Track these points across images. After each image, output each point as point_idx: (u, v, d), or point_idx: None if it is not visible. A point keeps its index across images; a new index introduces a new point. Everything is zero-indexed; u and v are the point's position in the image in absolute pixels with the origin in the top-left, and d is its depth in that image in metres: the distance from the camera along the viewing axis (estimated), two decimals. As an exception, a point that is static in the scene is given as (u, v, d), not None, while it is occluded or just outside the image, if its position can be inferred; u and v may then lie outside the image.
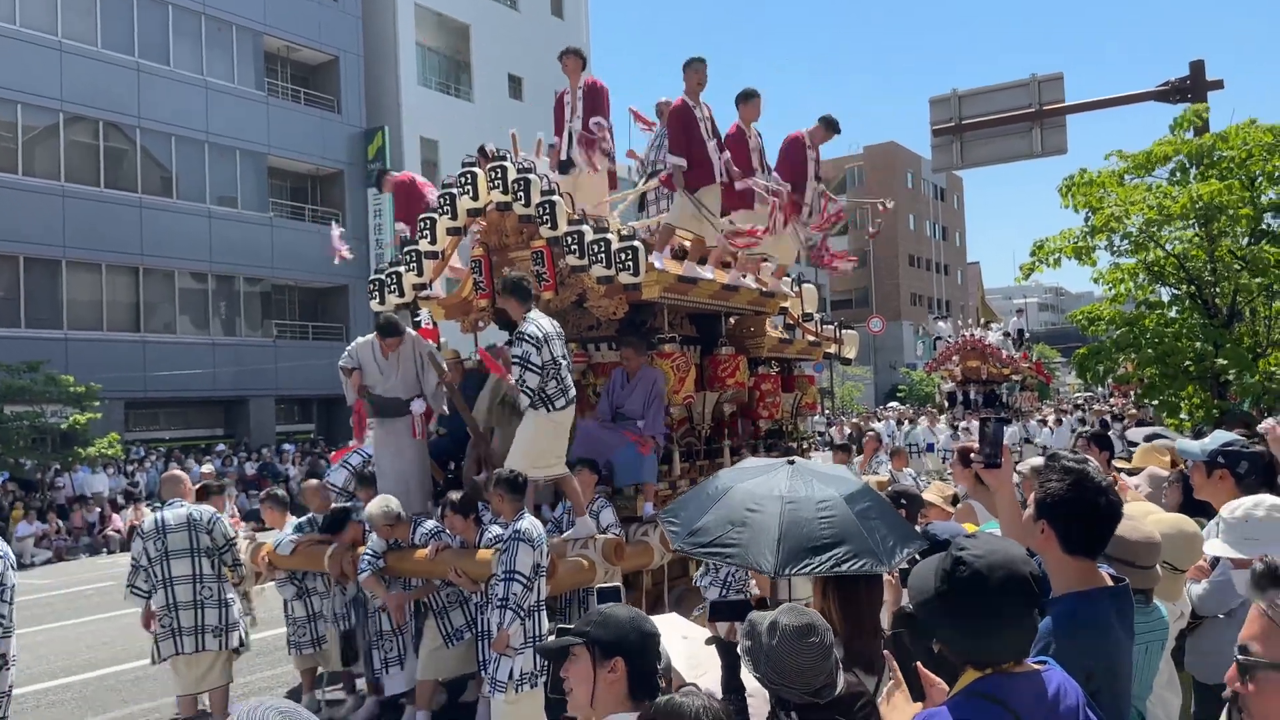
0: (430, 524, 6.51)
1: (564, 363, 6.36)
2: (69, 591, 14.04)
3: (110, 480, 21.93)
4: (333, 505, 7.14)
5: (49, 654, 9.70)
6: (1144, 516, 3.17)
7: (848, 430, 21.97)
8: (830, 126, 8.78)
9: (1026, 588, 2.01)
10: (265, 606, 8.48)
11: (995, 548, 2.10)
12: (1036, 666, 2.07)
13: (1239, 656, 1.27)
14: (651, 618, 2.75)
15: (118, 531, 20.12)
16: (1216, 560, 3.70)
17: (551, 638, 2.52)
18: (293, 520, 7.34)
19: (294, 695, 7.27)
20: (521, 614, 5.39)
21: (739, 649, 2.53)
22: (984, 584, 1.98)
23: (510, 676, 5.39)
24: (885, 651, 2.34)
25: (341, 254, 8.82)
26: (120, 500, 21.36)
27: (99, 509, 20.61)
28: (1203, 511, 4.13)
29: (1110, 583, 2.39)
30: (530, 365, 6.13)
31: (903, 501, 4.71)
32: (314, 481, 7.60)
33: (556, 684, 2.63)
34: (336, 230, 9.28)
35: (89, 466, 21.65)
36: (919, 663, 2.20)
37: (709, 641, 2.90)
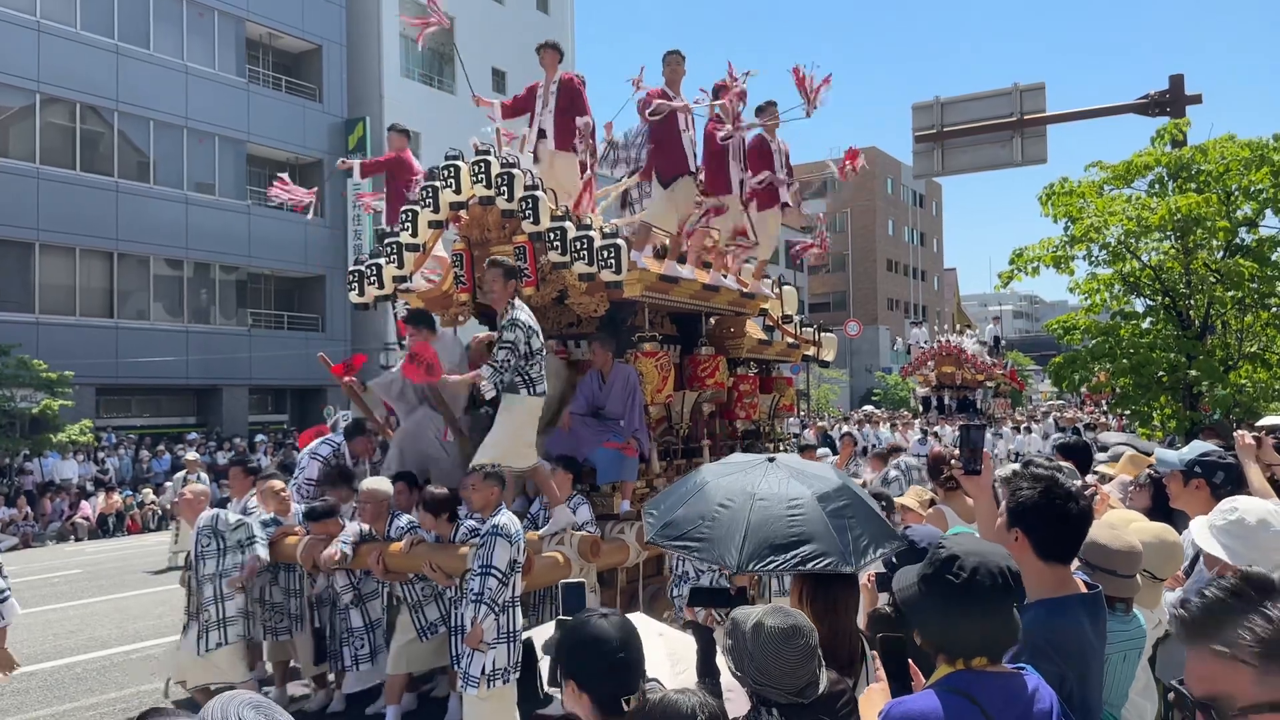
0: (405, 518, 6.48)
1: (541, 356, 6.42)
2: (35, 579, 13.86)
3: (80, 467, 21.70)
4: (315, 503, 7.05)
5: (14, 641, 9.51)
6: (1126, 525, 3.20)
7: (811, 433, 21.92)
8: (767, 108, 8.75)
9: (1005, 580, 2.05)
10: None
11: (977, 543, 2.18)
12: (1013, 669, 2.09)
13: (1225, 713, 1.21)
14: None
15: (86, 519, 19.91)
16: (1191, 568, 3.75)
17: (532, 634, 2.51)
18: (259, 516, 7.21)
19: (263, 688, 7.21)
20: (496, 609, 5.38)
21: (720, 647, 2.53)
22: (964, 570, 2.04)
23: (483, 672, 5.37)
24: (874, 652, 2.35)
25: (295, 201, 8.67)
26: (89, 487, 21.14)
27: (69, 495, 20.40)
28: (1172, 518, 4.17)
29: (1084, 589, 2.41)
30: (519, 350, 6.18)
31: (883, 503, 4.74)
32: (275, 483, 7.35)
33: (529, 681, 2.63)
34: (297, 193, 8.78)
35: (58, 453, 21.40)
36: (910, 659, 2.22)
37: (684, 625, 2.90)
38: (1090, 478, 5.32)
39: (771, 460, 3.53)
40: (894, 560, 3.20)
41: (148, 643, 9.25)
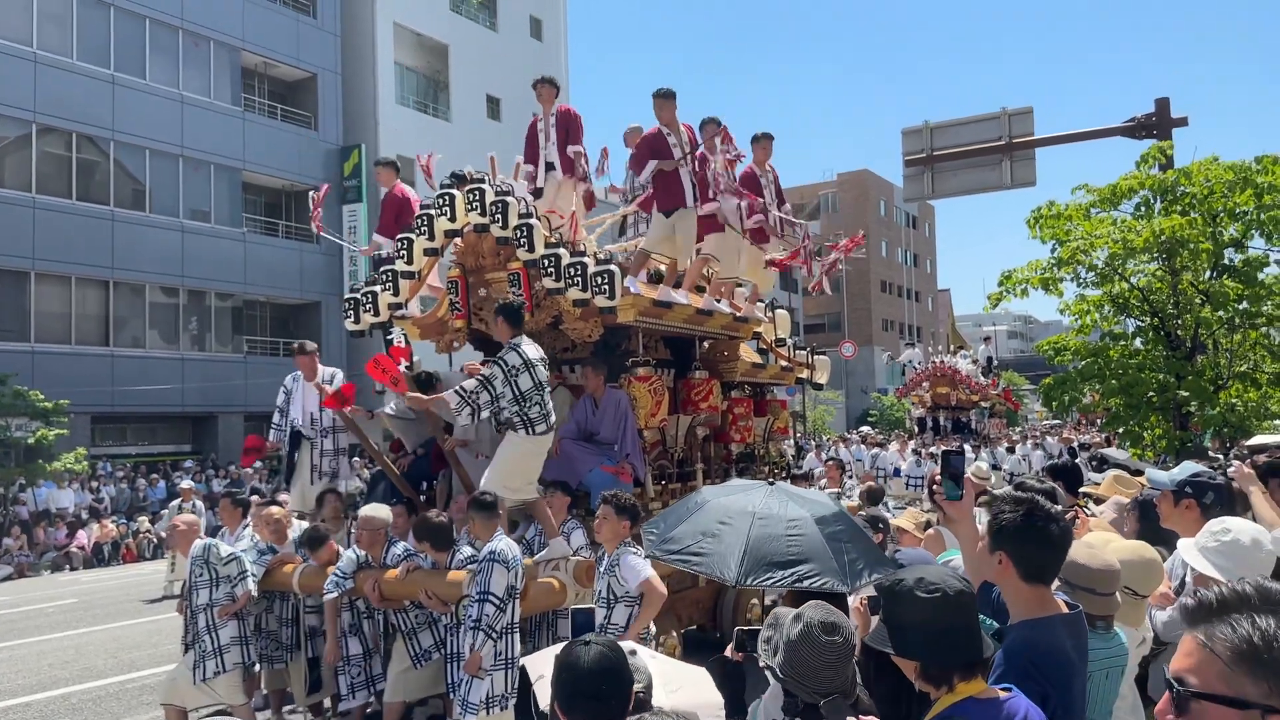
0: (402, 545, 6.51)
1: (546, 388, 6.43)
2: (30, 609, 13.82)
3: (75, 496, 21.61)
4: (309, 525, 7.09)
5: (9, 672, 9.55)
6: (1105, 545, 3.26)
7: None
8: (761, 139, 8.85)
9: (941, 590, 2.16)
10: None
11: (920, 569, 2.31)
12: (1002, 693, 2.14)
13: (1178, 689, 1.30)
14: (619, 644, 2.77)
15: (81, 548, 19.83)
16: (1181, 587, 3.79)
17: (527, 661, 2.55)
18: (251, 547, 7.17)
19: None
20: (494, 636, 5.40)
21: (760, 638, 2.57)
22: (913, 596, 2.16)
23: (482, 699, 5.38)
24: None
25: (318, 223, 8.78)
26: (85, 516, 21.06)
27: (64, 525, 20.32)
28: (1162, 539, 4.22)
29: (1065, 609, 2.46)
30: (490, 385, 6.16)
31: (880, 525, 4.78)
32: (273, 511, 7.33)
33: (525, 706, 2.67)
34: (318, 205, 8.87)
35: (54, 482, 21.35)
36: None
37: (713, 661, 2.95)
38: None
39: (770, 484, 3.63)
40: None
41: (143, 672, 9.23)
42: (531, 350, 6.34)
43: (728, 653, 3.00)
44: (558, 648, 2.98)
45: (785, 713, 2.52)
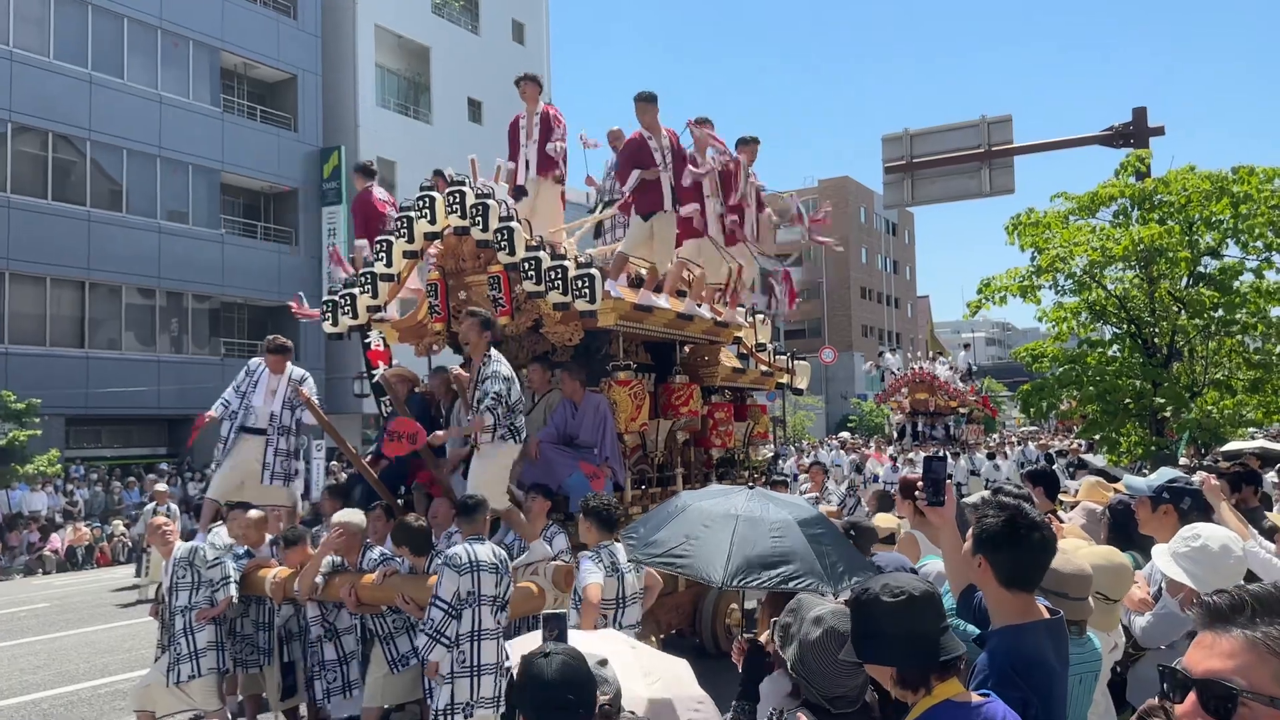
0: (379, 550, 6.45)
1: (521, 406, 6.55)
2: (2, 613, 13.65)
3: (49, 499, 21.37)
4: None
5: (-21, 677, 9.42)
6: (1075, 550, 3.27)
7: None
8: (749, 142, 8.89)
9: (918, 599, 2.19)
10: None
11: (883, 577, 2.33)
12: (980, 698, 2.15)
13: (1222, 690, 1.24)
14: (593, 635, 2.76)
15: (55, 552, 19.62)
16: (1159, 593, 3.82)
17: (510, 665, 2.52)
18: (229, 551, 7.09)
19: None
20: (443, 640, 5.23)
21: (779, 623, 2.58)
22: (880, 602, 2.19)
23: (444, 705, 5.29)
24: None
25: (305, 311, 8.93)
26: (59, 519, 20.83)
27: (37, 528, 20.09)
28: (1134, 544, 4.25)
29: (1046, 615, 2.47)
30: (506, 401, 6.32)
31: (851, 533, 4.77)
32: (253, 514, 7.17)
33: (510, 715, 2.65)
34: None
35: (27, 484, 21.10)
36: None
37: (749, 639, 2.94)
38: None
39: (750, 488, 3.66)
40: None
41: (117, 677, 9.13)
42: (508, 366, 6.51)
43: (765, 643, 2.96)
44: (538, 634, 2.97)
45: (792, 697, 2.54)
